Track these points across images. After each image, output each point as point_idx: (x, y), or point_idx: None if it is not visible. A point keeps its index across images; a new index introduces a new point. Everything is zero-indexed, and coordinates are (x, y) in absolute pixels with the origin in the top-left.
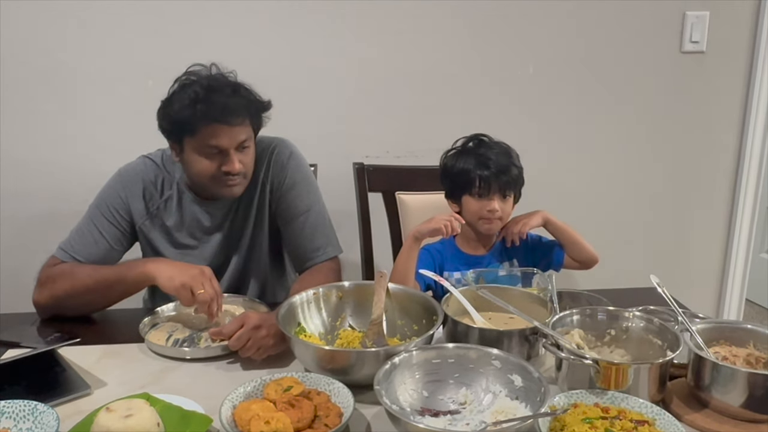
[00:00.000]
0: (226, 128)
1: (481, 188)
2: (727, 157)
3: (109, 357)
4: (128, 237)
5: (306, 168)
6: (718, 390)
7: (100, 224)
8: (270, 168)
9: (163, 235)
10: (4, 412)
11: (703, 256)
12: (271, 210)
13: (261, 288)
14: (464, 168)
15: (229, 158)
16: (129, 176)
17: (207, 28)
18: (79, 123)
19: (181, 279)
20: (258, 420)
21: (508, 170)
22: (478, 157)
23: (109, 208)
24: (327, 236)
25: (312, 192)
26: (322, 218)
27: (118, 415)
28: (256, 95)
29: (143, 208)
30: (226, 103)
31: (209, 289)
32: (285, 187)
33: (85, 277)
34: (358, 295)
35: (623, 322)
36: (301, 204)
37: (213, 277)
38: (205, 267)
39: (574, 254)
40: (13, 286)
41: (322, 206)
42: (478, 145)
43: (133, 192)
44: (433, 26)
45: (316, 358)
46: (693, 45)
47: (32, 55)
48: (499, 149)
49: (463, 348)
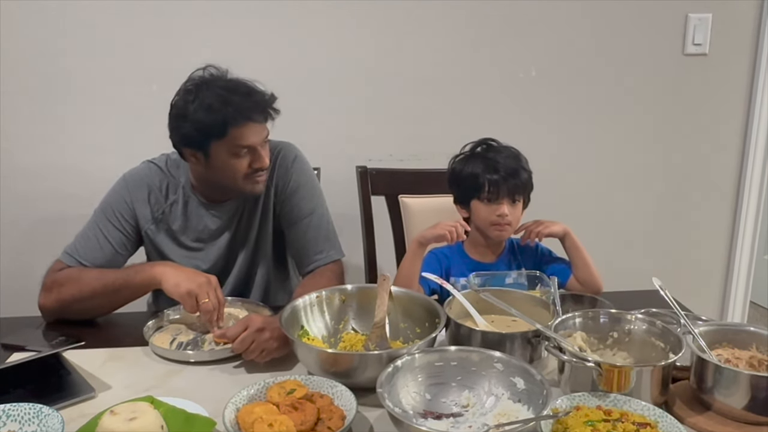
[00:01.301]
0: (254, 126)
1: (491, 192)
2: (730, 159)
3: (113, 360)
4: (133, 241)
5: (310, 171)
6: (720, 392)
7: (106, 229)
8: (275, 171)
9: (168, 238)
10: (10, 415)
11: (707, 258)
12: (275, 213)
13: (264, 291)
14: (473, 172)
15: (258, 155)
16: (134, 181)
17: (211, 32)
18: (84, 127)
19: (188, 287)
20: (261, 423)
21: (518, 174)
22: (486, 161)
23: (114, 212)
24: (330, 239)
25: (316, 195)
26: (325, 221)
27: (123, 418)
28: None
29: (149, 213)
30: (248, 101)
31: (213, 299)
32: (289, 190)
33: (91, 281)
34: (361, 298)
35: (626, 324)
36: (305, 207)
37: (218, 287)
38: (211, 276)
39: (582, 277)
40: (18, 289)
41: (325, 209)
42: (487, 150)
43: (138, 197)
44: (436, 29)
45: (319, 361)
46: (696, 47)
47: (37, 59)
48: (507, 153)
49: (466, 351)
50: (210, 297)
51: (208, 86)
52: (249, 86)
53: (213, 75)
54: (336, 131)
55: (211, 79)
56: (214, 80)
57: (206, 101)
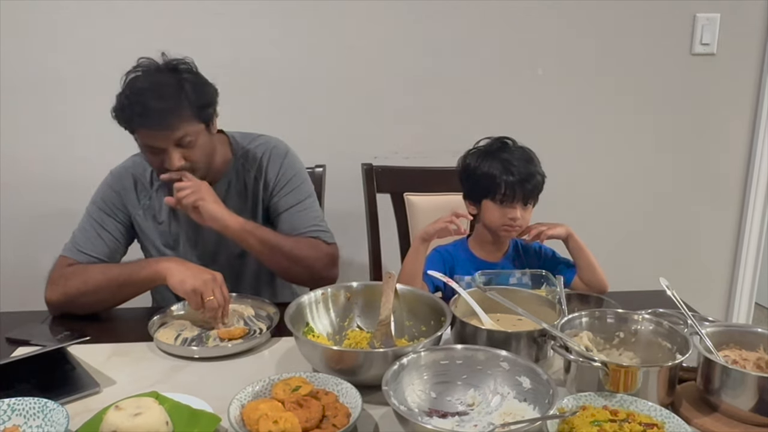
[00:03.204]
0: (149, 132)
1: (506, 195)
2: (737, 159)
3: (118, 355)
4: (128, 228)
5: (301, 167)
6: (727, 394)
7: (100, 219)
8: (267, 165)
9: (155, 226)
10: (15, 409)
11: (713, 259)
12: (264, 205)
13: (255, 282)
14: (489, 172)
15: (167, 155)
16: (119, 173)
17: (213, 28)
18: (86, 121)
19: (193, 284)
20: (266, 419)
21: (533, 178)
22: (502, 162)
23: (105, 202)
24: (319, 225)
25: (305, 190)
26: (314, 211)
27: (128, 414)
28: (201, 88)
29: (135, 199)
30: (152, 107)
31: (219, 296)
32: (279, 182)
33: (97, 275)
34: (366, 295)
35: (632, 324)
36: (294, 198)
37: (223, 284)
38: (216, 273)
39: (586, 277)
40: (21, 284)
41: (315, 203)
42: (501, 149)
43: (125, 185)
44: (442, 26)
45: (325, 358)
46: (703, 47)
47: (40, 53)
48: (521, 154)
49: (472, 349)
50: (215, 294)
51: (132, 82)
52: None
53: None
54: (341, 128)
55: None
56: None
57: (120, 97)
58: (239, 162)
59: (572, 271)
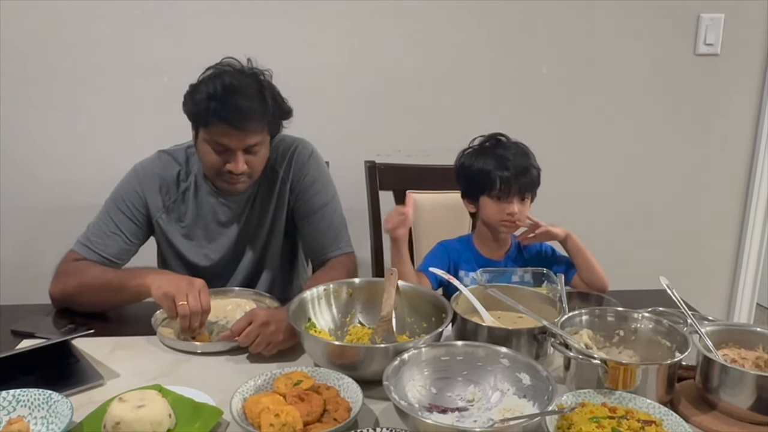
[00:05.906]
0: (230, 130)
1: (501, 190)
2: (740, 159)
3: (121, 349)
4: (144, 231)
5: (325, 167)
6: (726, 392)
7: (117, 218)
8: (291, 166)
9: (178, 228)
10: (20, 400)
11: (715, 258)
12: (289, 207)
13: (270, 284)
14: (483, 168)
15: (234, 158)
16: (145, 172)
17: (222, 25)
18: (95, 118)
19: (165, 288)
20: (268, 413)
21: (528, 172)
22: (497, 157)
23: (125, 202)
24: (342, 233)
25: (330, 190)
26: (338, 215)
27: (131, 406)
28: (280, 102)
29: (160, 202)
30: (240, 106)
31: (192, 303)
32: (305, 184)
33: (93, 277)
34: (368, 292)
35: (632, 323)
36: (320, 200)
37: (203, 291)
38: (196, 279)
39: (586, 277)
40: (27, 277)
41: (338, 204)
42: (496, 145)
43: (150, 187)
44: (445, 25)
45: (326, 353)
46: (707, 47)
47: (49, 49)
48: (516, 150)
49: (472, 346)
50: (189, 300)
51: (219, 75)
52: (260, 92)
53: (233, 68)
54: (345, 126)
55: (228, 71)
56: (227, 73)
57: (206, 88)
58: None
59: (573, 270)
